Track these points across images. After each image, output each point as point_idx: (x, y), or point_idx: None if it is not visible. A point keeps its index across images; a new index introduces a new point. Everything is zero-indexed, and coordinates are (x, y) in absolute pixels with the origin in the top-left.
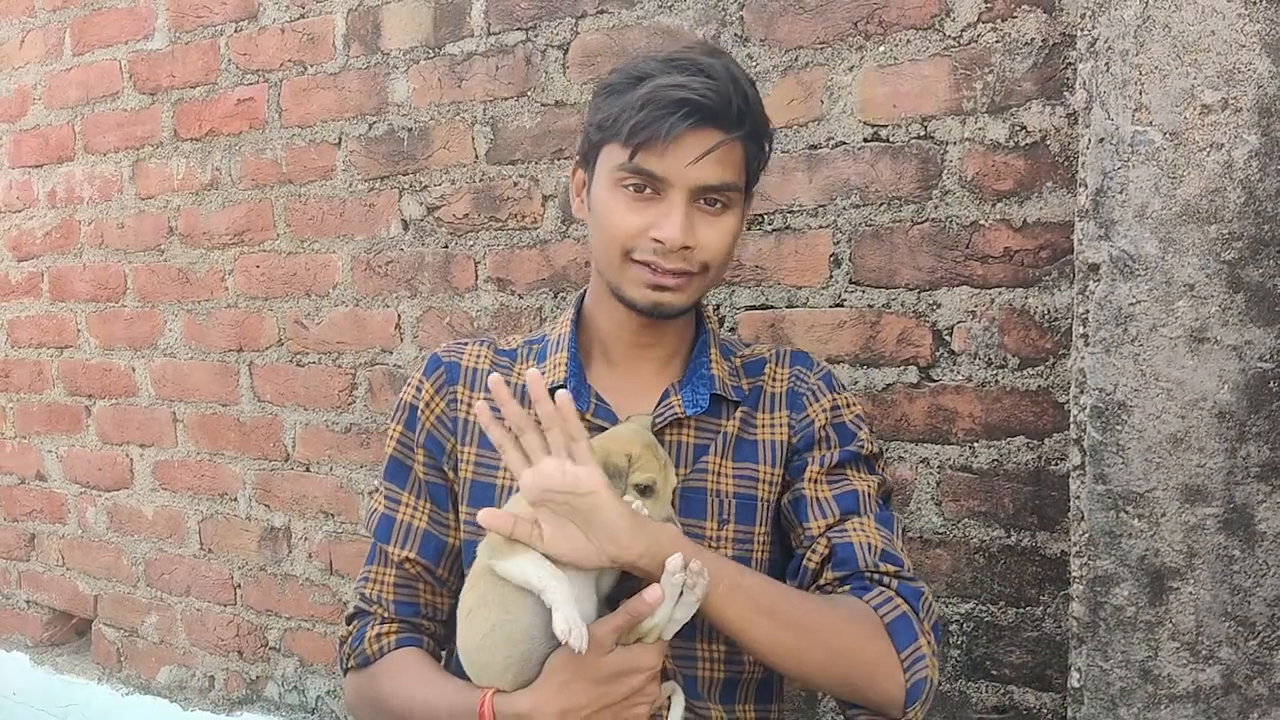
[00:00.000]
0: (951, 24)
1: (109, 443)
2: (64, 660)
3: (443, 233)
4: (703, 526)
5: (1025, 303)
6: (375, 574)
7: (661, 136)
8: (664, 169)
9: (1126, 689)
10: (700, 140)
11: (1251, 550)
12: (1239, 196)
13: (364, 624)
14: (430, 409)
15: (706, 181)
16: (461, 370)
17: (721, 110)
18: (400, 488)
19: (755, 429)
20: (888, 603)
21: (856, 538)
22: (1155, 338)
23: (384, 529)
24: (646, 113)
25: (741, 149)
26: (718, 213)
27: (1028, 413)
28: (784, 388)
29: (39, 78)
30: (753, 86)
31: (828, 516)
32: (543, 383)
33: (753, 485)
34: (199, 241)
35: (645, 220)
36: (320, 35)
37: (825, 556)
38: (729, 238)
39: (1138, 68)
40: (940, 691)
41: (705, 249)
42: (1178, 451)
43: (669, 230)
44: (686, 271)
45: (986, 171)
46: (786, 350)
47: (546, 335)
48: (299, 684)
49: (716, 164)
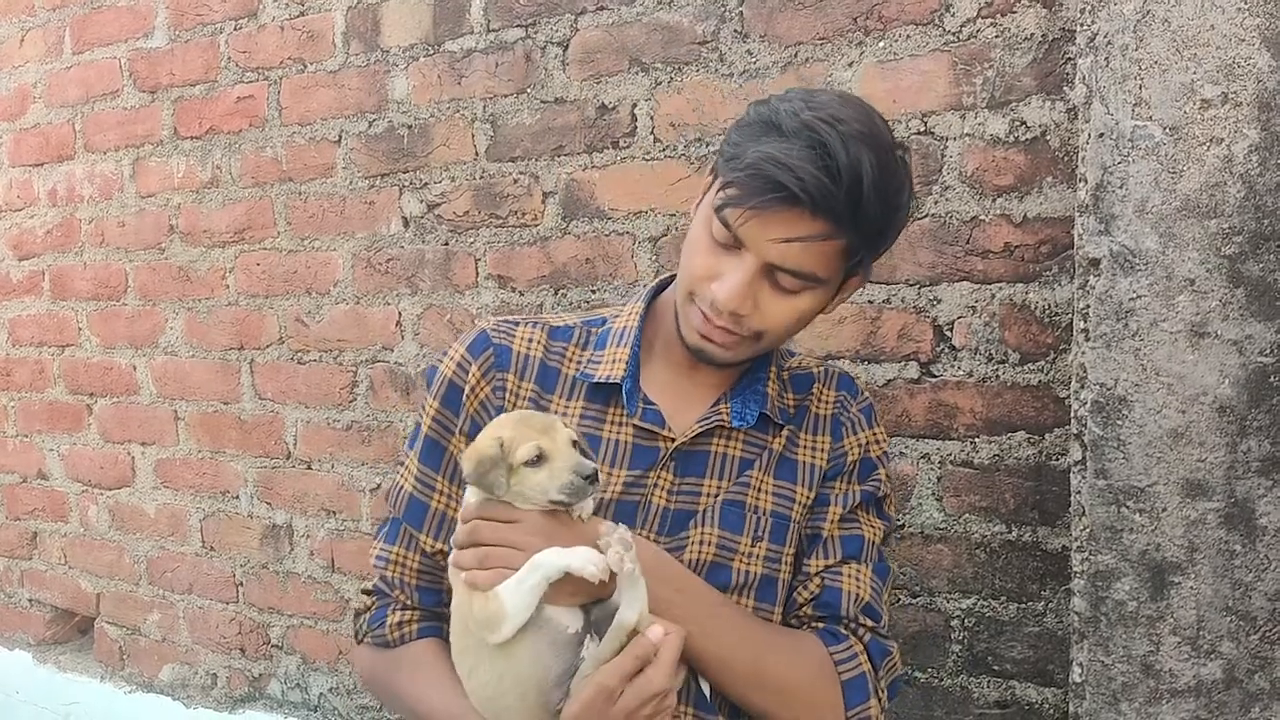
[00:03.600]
0: (951, 19)
1: (110, 441)
2: (66, 659)
3: (443, 230)
4: (737, 541)
5: (1026, 298)
6: (399, 556)
7: (744, 209)
8: (746, 233)
9: (1128, 684)
10: (790, 222)
11: (1252, 545)
12: (1239, 191)
13: (384, 605)
14: (475, 393)
15: (784, 264)
16: (513, 356)
17: (824, 203)
18: (435, 471)
19: (798, 449)
20: (851, 660)
21: (847, 585)
22: (1156, 333)
23: (415, 513)
24: (746, 176)
25: (840, 243)
26: (791, 292)
27: (1028, 408)
28: (829, 411)
29: (39, 76)
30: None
31: (829, 557)
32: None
33: (789, 506)
34: (200, 240)
35: (714, 270)
36: (320, 33)
37: (815, 595)
38: (792, 317)
39: (1137, 62)
40: (942, 687)
41: (762, 320)
42: (1178, 446)
43: (723, 292)
44: (735, 333)
45: (986, 167)
46: (835, 372)
47: (606, 319)
48: (301, 681)
49: (802, 252)
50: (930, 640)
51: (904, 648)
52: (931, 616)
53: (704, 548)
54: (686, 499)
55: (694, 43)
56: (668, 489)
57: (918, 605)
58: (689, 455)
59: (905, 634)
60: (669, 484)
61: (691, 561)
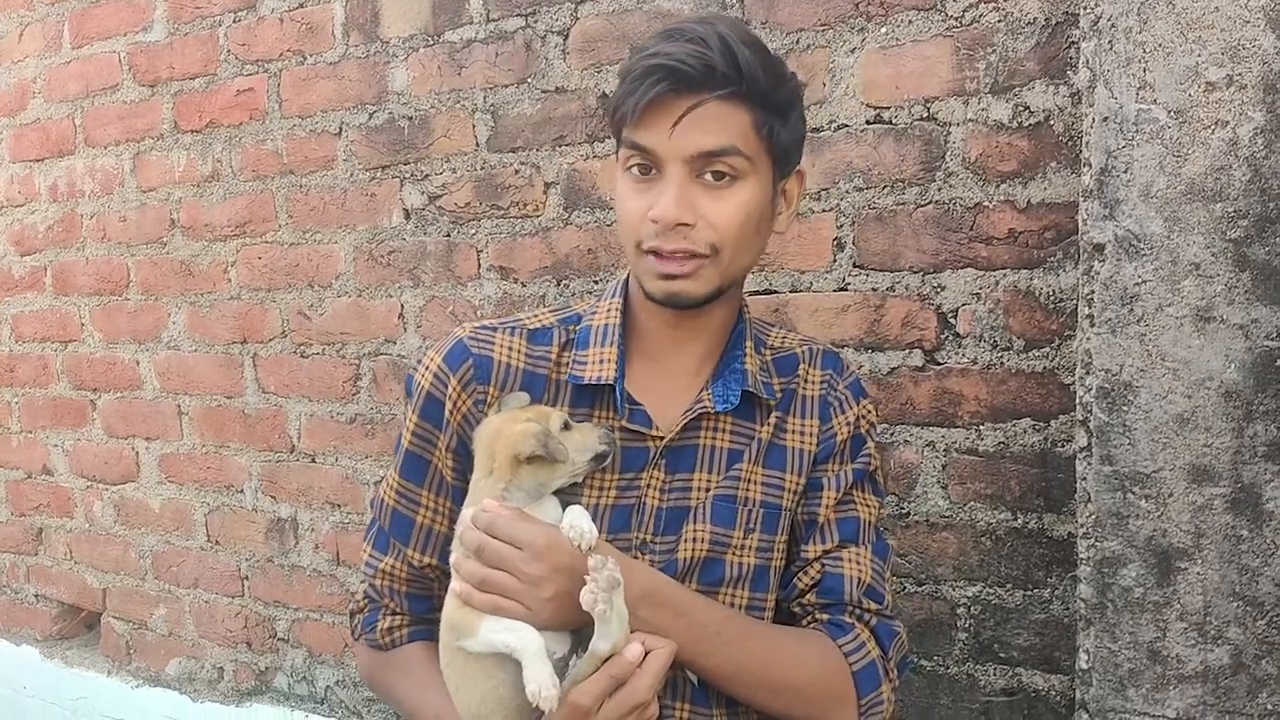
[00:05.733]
0: (953, 4)
1: (115, 436)
2: (73, 653)
3: (444, 221)
4: (730, 535)
5: (1030, 284)
6: (389, 567)
7: (634, 107)
8: (653, 141)
9: (1135, 670)
10: (682, 102)
11: (1259, 530)
12: (1244, 174)
13: (375, 610)
14: (458, 408)
15: (699, 148)
16: (494, 367)
17: (702, 72)
18: (418, 485)
19: (786, 434)
20: (859, 649)
21: (848, 569)
22: (1161, 317)
23: (401, 528)
24: (626, 86)
25: (743, 111)
26: (725, 185)
27: (1033, 395)
28: (816, 393)
29: (38, 71)
30: (755, 47)
31: (827, 542)
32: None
33: (779, 494)
34: (201, 234)
35: (646, 202)
36: (319, 24)
37: (815, 581)
38: (736, 212)
39: (1141, 45)
40: (948, 675)
41: (711, 226)
42: (1184, 431)
43: (660, 210)
44: (693, 254)
45: (990, 152)
46: (819, 350)
47: (580, 315)
48: (308, 674)
49: (705, 129)
50: (936, 628)
51: (909, 636)
52: (937, 604)
53: (697, 545)
54: (678, 496)
55: None
56: (660, 488)
57: (923, 593)
58: (678, 451)
59: (911, 622)
60: (661, 482)
61: (685, 559)
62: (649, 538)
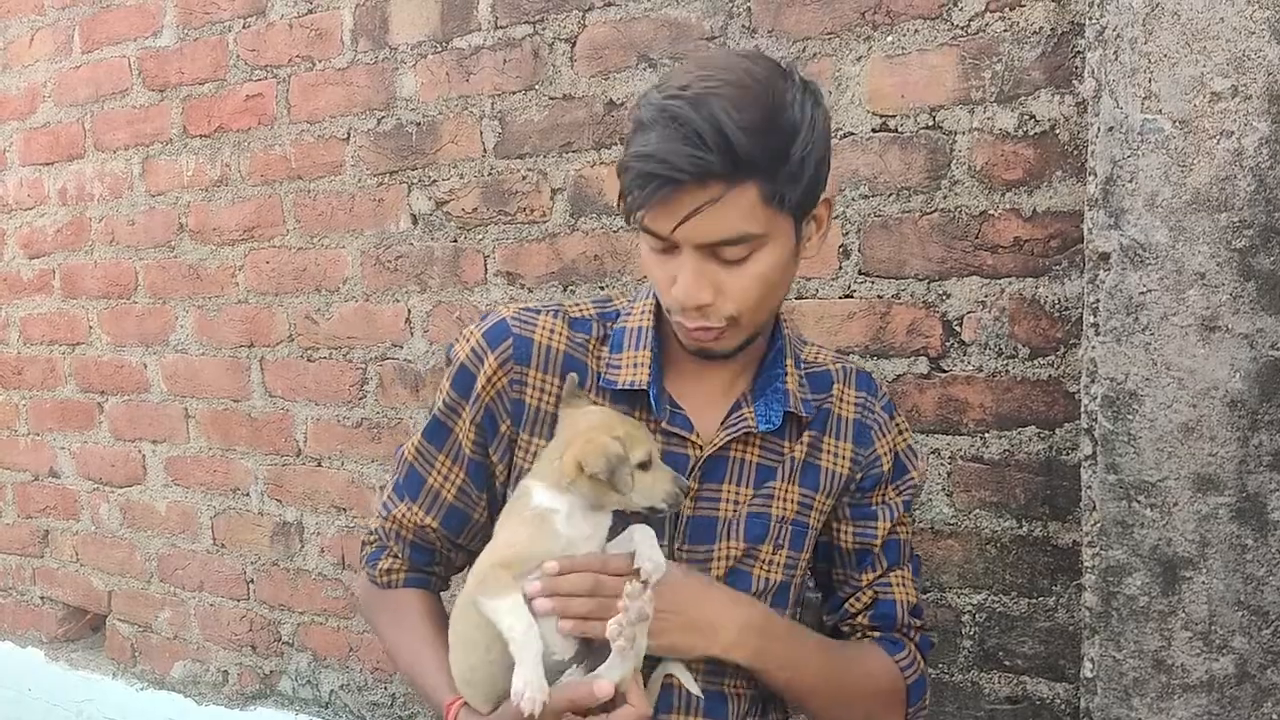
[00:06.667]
0: (959, 13)
1: (121, 439)
2: (78, 656)
3: (452, 227)
4: (759, 549)
5: (1035, 292)
6: (399, 514)
7: (636, 206)
8: (663, 230)
9: (1140, 679)
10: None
11: (1264, 539)
12: (1249, 184)
13: (380, 549)
14: (491, 384)
15: (707, 239)
16: (534, 348)
17: (699, 175)
18: (437, 450)
19: (821, 454)
20: (912, 665)
21: (898, 594)
22: (1166, 326)
23: (413, 486)
24: (630, 183)
25: (749, 192)
26: (740, 261)
27: (1038, 403)
28: (851, 415)
29: (48, 75)
30: (755, 120)
31: (877, 569)
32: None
33: (808, 513)
34: (209, 238)
35: (669, 272)
36: (328, 30)
37: (868, 605)
38: (754, 284)
39: (1146, 55)
40: (953, 682)
41: (729, 300)
42: (1189, 440)
43: (680, 293)
44: (713, 326)
45: (995, 161)
46: (852, 370)
47: (619, 312)
48: (313, 678)
49: (711, 221)
50: (941, 636)
51: None
52: (942, 612)
53: (729, 560)
54: (708, 506)
55: (702, 38)
56: (692, 496)
57: (928, 601)
58: (712, 460)
59: None
60: (694, 491)
61: (716, 573)
62: (680, 546)
